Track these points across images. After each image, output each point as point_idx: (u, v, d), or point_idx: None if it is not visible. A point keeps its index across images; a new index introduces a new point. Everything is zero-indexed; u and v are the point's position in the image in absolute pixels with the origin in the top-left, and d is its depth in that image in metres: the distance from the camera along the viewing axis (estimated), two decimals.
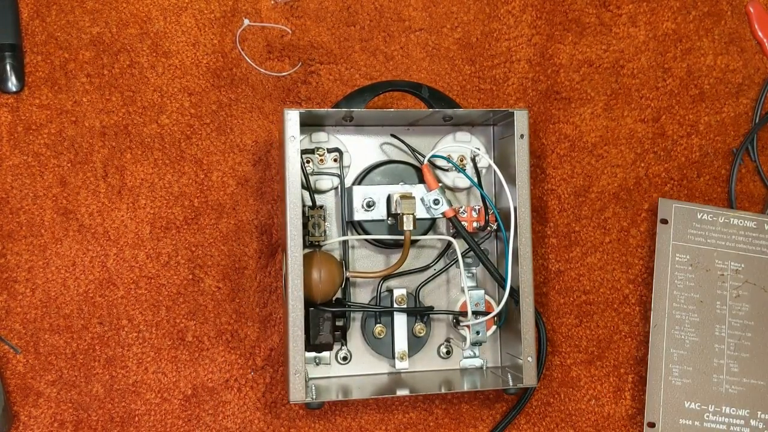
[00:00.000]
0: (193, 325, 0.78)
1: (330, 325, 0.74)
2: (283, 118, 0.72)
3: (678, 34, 0.89)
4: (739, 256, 0.82)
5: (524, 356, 0.75)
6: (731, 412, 0.78)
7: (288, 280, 0.71)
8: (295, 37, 0.84)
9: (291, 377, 0.70)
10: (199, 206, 0.80)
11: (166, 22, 0.82)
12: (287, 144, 0.71)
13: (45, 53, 0.80)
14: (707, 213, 0.83)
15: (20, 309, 0.76)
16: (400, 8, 0.85)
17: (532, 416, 0.82)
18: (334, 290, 0.75)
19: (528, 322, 0.75)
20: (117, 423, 0.76)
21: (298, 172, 0.71)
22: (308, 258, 0.73)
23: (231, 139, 0.81)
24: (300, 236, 0.71)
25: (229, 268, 0.80)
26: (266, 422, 0.78)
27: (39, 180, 0.78)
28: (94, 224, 0.78)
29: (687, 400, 0.78)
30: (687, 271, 0.81)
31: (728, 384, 0.79)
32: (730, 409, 0.78)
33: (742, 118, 0.89)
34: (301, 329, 0.71)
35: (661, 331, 0.80)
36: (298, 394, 0.70)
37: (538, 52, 0.87)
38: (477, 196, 0.80)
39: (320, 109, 0.73)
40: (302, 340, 0.71)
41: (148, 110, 0.80)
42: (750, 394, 0.79)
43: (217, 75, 0.82)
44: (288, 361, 0.71)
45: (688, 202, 0.83)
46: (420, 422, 0.80)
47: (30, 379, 0.76)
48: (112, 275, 0.78)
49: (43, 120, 0.79)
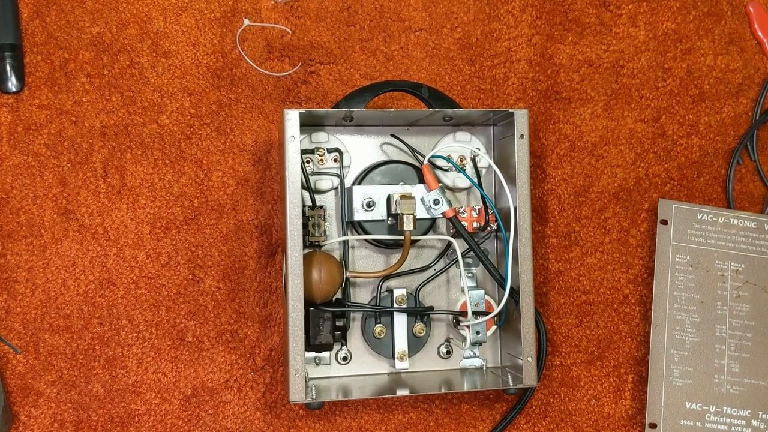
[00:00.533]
0: (193, 325, 0.78)
1: (330, 325, 0.74)
2: (283, 118, 0.72)
3: (678, 34, 0.89)
4: (739, 257, 0.82)
5: (524, 356, 0.75)
6: (732, 413, 0.78)
7: (288, 280, 0.71)
8: (295, 37, 0.84)
9: (291, 377, 0.70)
10: (199, 206, 0.80)
11: (166, 22, 0.82)
12: (287, 144, 0.71)
13: (45, 53, 0.80)
14: (707, 213, 0.83)
15: (20, 309, 0.76)
16: (400, 8, 0.85)
17: (532, 416, 0.82)
18: (334, 290, 0.75)
19: (528, 322, 0.75)
20: (117, 423, 0.76)
21: (298, 172, 0.71)
22: (308, 258, 0.73)
23: (231, 139, 0.81)
24: (300, 236, 0.71)
25: (229, 268, 0.80)
26: (266, 422, 0.78)
27: (39, 180, 0.78)
28: (94, 224, 0.78)
29: (688, 400, 0.78)
30: (687, 271, 0.81)
31: (729, 384, 0.79)
32: (732, 409, 0.78)
33: (742, 118, 0.89)
34: (301, 329, 0.71)
35: (661, 331, 0.80)
36: (298, 394, 0.70)
37: (538, 52, 0.87)
38: (477, 196, 0.80)
39: (320, 109, 0.73)
40: (302, 340, 0.70)
41: (148, 110, 0.80)
42: (751, 395, 0.79)
43: (217, 75, 0.82)
44: (288, 361, 0.71)
45: (688, 203, 0.83)
46: (420, 422, 0.80)
47: (30, 379, 0.76)
48: (112, 275, 0.78)
49: (43, 120, 0.79)
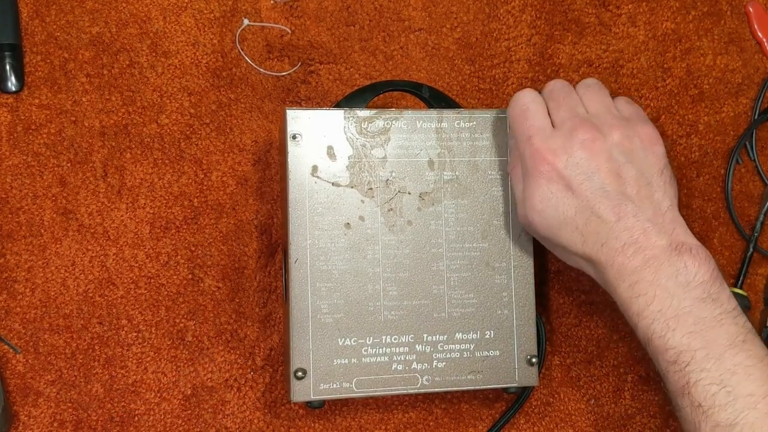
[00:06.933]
0: (192, 325, 0.78)
1: None
2: (284, 117, 0.72)
3: (678, 34, 0.89)
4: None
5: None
6: (393, 341, 0.72)
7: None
8: (294, 37, 0.84)
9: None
10: (198, 206, 0.80)
11: (166, 22, 0.82)
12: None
13: (45, 53, 0.80)
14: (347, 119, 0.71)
15: (20, 309, 0.76)
16: (399, 8, 0.85)
17: (532, 416, 0.82)
18: None
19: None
20: (117, 423, 0.76)
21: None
22: None
23: (231, 139, 0.81)
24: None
25: (228, 268, 0.80)
26: (266, 422, 0.78)
27: (39, 180, 0.78)
28: (94, 224, 0.78)
29: (341, 337, 0.71)
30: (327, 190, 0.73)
31: (387, 310, 0.72)
32: (392, 337, 0.72)
33: (741, 118, 0.89)
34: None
35: (303, 265, 0.71)
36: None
37: (538, 52, 0.87)
38: None
39: (321, 109, 0.73)
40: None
41: (148, 110, 0.80)
42: (412, 318, 0.73)
43: (217, 75, 0.82)
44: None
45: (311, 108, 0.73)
46: (420, 422, 0.80)
47: (30, 379, 0.76)
48: (112, 275, 0.78)
49: (43, 120, 0.79)
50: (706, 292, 0.63)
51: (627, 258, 0.65)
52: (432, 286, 0.73)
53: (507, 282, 0.74)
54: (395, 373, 0.72)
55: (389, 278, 0.72)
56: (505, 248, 0.74)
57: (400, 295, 0.72)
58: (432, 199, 0.73)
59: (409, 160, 0.73)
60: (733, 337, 0.62)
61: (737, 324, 0.63)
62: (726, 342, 0.61)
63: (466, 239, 0.74)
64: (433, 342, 0.73)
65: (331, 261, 0.71)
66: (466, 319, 0.73)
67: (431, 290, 0.73)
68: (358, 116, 0.73)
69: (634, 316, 0.65)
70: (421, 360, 0.72)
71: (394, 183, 0.73)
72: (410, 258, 0.73)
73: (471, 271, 0.73)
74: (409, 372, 0.72)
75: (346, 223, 0.72)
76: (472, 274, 0.73)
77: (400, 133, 0.73)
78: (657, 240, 0.65)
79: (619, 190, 0.66)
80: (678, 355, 0.62)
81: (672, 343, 0.62)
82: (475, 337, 0.73)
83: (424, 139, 0.74)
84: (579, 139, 0.67)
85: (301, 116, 0.72)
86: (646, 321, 0.64)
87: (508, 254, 0.74)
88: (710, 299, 0.63)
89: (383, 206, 0.73)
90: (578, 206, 0.67)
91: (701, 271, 0.64)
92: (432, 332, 0.73)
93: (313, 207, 0.71)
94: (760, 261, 0.87)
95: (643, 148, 0.69)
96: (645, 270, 0.64)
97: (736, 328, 0.62)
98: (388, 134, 0.73)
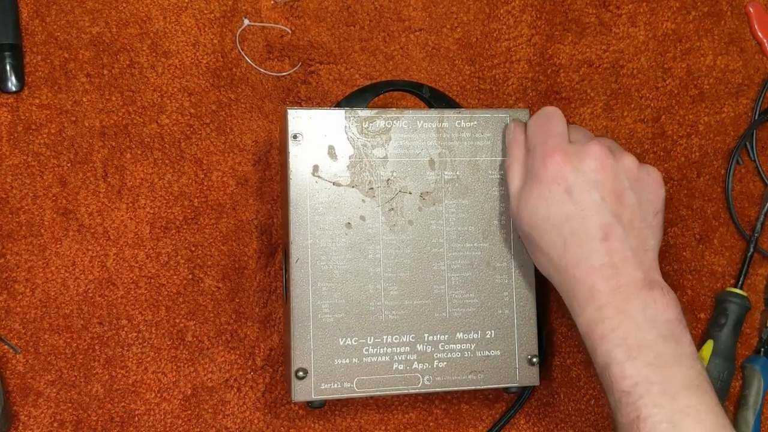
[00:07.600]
0: (192, 325, 0.78)
1: None
2: (285, 117, 0.72)
3: (678, 34, 0.89)
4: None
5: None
6: (394, 341, 0.73)
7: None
8: (295, 37, 0.84)
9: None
10: (198, 206, 0.80)
11: (166, 22, 0.82)
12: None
13: (45, 53, 0.79)
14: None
15: (20, 309, 0.76)
16: (400, 8, 0.85)
17: (532, 416, 0.82)
18: None
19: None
20: (117, 423, 0.76)
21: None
22: None
23: (231, 139, 0.81)
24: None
25: (228, 268, 0.80)
26: (266, 422, 0.78)
27: (39, 180, 0.78)
28: (94, 224, 0.78)
29: (342, 337, 0.72)
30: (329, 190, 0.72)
31: (387, 310, 0.72)
32: (393, 337, 0.72)
33: (741, 118, 0.89)
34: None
35: (304, 264, 0.71)
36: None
37: (538, 53, 0.87)
38: None
39: (321, 109, 0.73)
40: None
41: (148, 110, 0.80)
42: (412, 317, 0.73)
43: (217, 75, 0.82)
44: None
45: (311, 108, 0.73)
46: (420, 422, 0.80)
47: (30, 379, 0.76)
48: (112, 275, 0.78)
49: (43, 120, 0.79)
50: (670, 331, 0.63)
51: (601, 279, 0.65)
52: (433, 285, 0.73)
53: (508, 282, 0.74)
54: (396, 372, 0.72)
55: (390, 278, 0.72)
56: (506, 248, 0.74)
57: (401, 294, 0.72)
58: (433, 198, 0.73)
59: (410, 160, 0.73)
60: (690, 380, 0.61)
61: (695, 369, 0.63)
62: (682, 382, 0.61)
63: (467, 239, 0.74)
64: (434, 342, 0.73)
65: (332, 261, 0.71)
66: (467, 318, 0.73)
67: (432, 290, 0.73)
68: (359, 116, 0.73)
69: (596, 339, 0.64)
70: (422, 360, 0.72)
71: (395, 183, 0.73)
72: (411, 258, 0.73)
73: (472, 270, 0.73)
74: (410, 372, 0.72)
75: (347, 223, 0.72)
76: (473, 273, 0.73)
77: (401, 132, 0.73)
78: (633, 272, 0.65)
79: (614, 212, 0.67)
80: (634, 386, 0.61)
81: (630, 372, 0.62)
82: (476, 337, 0.73)
83: (425, 138, 0.74)
84: (593, 151, 0.68)
85: (302, 116, 0.72)
86: (608, 346, 0.63)
87: (509, 254, 0.74)
88: (673, 338, 0.63)
89: (384, 206, 0.73)
90: (570, 214, 0.67)
91: (669, 310, 0.64)
92: (433, 332, 0.73)
93: (314, 207, 0.71)
94: (760, 261, 0.87)
95: (648, 184, 0.70)
96: (616, 295, 0.64)
97: (693, 372, 0.62)
98: (389, 134, 0.73)
